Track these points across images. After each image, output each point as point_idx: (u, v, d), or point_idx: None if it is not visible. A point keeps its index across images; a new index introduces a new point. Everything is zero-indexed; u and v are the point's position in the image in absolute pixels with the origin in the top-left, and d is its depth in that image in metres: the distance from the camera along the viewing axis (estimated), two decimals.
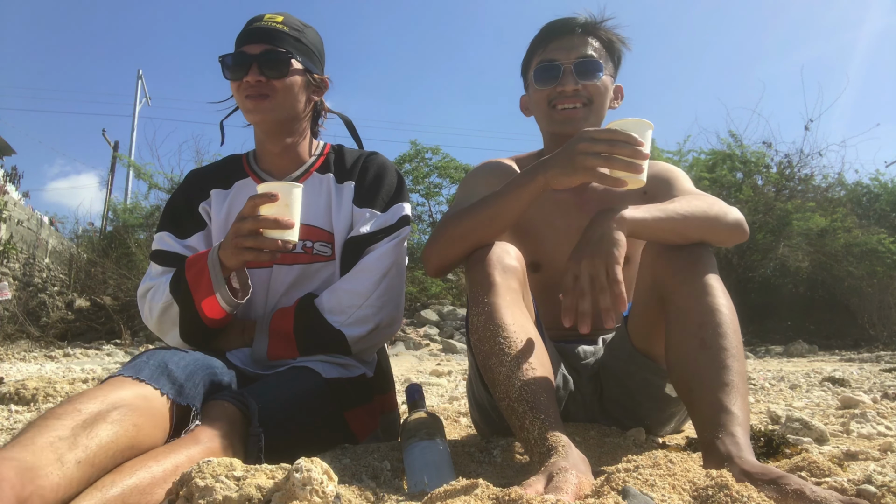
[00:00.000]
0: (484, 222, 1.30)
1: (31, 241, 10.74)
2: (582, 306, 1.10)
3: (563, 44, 1.53)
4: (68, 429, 0.86)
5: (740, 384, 1.09)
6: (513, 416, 1.05)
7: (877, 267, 10.02)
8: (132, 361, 1.10)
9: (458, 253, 1.33)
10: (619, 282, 1.11)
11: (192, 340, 1.41)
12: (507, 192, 1.30)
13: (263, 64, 1.43)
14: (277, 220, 1.22)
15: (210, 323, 1.36)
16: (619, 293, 1.09)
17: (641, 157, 1.15)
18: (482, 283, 1.19)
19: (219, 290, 1.31)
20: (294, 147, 1.56)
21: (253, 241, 1.23)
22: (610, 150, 1.16)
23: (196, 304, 1.33)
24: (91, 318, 9.13)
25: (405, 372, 4.95)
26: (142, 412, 0.98)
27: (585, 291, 1.10)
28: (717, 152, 11.90)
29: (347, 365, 1.44)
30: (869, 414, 1.94)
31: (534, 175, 1.26)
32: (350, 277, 1.44)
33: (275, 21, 1.47)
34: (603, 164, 1.17)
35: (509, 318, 1.14)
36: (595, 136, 1.18)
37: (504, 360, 1.09)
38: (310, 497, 0.75)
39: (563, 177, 1.22)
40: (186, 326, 1.38)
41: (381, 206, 1.52)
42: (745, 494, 0.79)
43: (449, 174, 13.15)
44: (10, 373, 4.53)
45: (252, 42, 1.44)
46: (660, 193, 1.57)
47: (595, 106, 1.54)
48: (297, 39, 1.48)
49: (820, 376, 3.93)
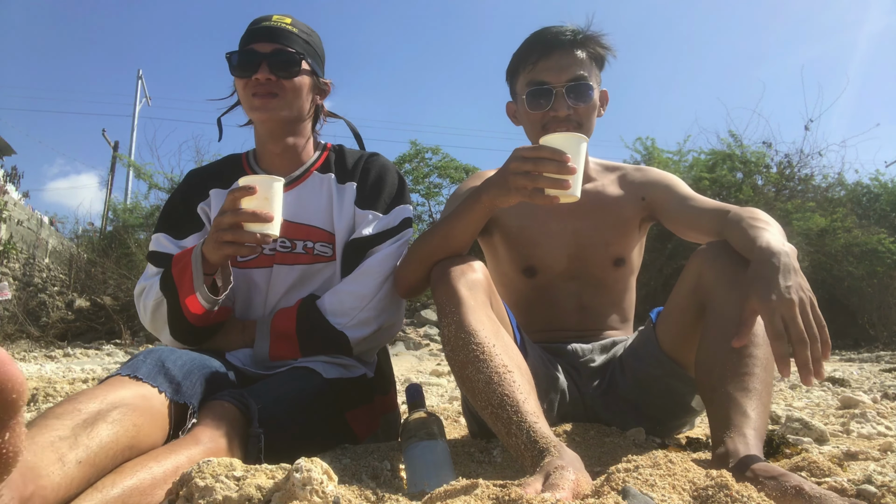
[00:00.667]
0: (441, 243, 1.34)
1: (31, 241, 10.74)
2: (802, 356, 0.97)
3: (553, 63, 1.52)
4: (69, 428, 0.86)
5: (763, 392, 1.09)
6: (497, 423, 1.03)
7: (877, 267, 10.02)
8: (130, 361, 1.11)
9: (422, 273, 1.37)
10: (825, 326, 1.01)
11: (181, 338, 1.39)
12: (458, 214, 1.33)
13: (274, 63, 1.43)
14: (255, 213, 1.21)
15: (192, 319, 1.34)
16: (826, 340, 0.99)
17: (567, 172, 1.14)
18: (448, 297, 1.20)
19: (198, 287, 1.29)
20: (295, 147, 1.56)
21: (232, 235, 1.22)
22: (536, 168, 1.16)
23: (181, 301, 1.32)
24: (91, 318, 9.13)
25: (405, 372, 4.95)
26: (141, 411, 0.98)
27: (804, 339, 0.98)
28: (717, 152, 11.89)
29: (348, 365, 1.44)
30: (869, 414, 1.94)
31: (478, 196, 1.28)
32: (353, 280, 1.44)
33: (284, 22, 1.47)
34: (531, 183, 1.17)
35: (479, 325, 1.14)
36: (524, 154, 1.18)
37: (480, 367, 1.08)
38: (310, 497, 0.75)
39: (502, 196, 1.23)
40: (174, 323, 1.37)
41: (384, 209, 1.52)
42: (745, 494, 0.79)
43: (449, 174, 13.15)
44: None
45: (262, 40, 1.44)
46: (658, 199, 1.58)
47: (584, 127, 1.54)
48: (305, 41, 1.49)
49: None
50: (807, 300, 1.01)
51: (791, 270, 1.04)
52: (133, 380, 1.04)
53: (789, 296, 1.00)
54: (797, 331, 0.97)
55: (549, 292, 1.64)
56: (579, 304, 1.64)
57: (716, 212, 1.38)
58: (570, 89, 1.50)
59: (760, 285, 1.03)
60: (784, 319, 0.98)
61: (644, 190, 1.62)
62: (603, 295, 1.65)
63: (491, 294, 1.28)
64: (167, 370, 1.10)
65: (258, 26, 1.47)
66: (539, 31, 1.58)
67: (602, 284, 1.64)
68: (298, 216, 1.51)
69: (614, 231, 1.61)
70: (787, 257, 1.07)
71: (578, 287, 1.63)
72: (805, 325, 0.98)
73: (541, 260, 1.62)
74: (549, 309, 1.64)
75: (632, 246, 1.65)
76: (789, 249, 1.09)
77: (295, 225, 1.50)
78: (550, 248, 1.61)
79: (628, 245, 1.63)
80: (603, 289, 1.64)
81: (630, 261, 1.65)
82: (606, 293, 1.65)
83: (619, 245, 1.62)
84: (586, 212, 1.61)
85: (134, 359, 1.11)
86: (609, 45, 1.60)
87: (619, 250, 1.62)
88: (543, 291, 1.64)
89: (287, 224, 1.49)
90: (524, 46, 1.58)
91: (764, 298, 1.00)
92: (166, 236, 1.51)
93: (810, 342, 0.97)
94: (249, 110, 1.49)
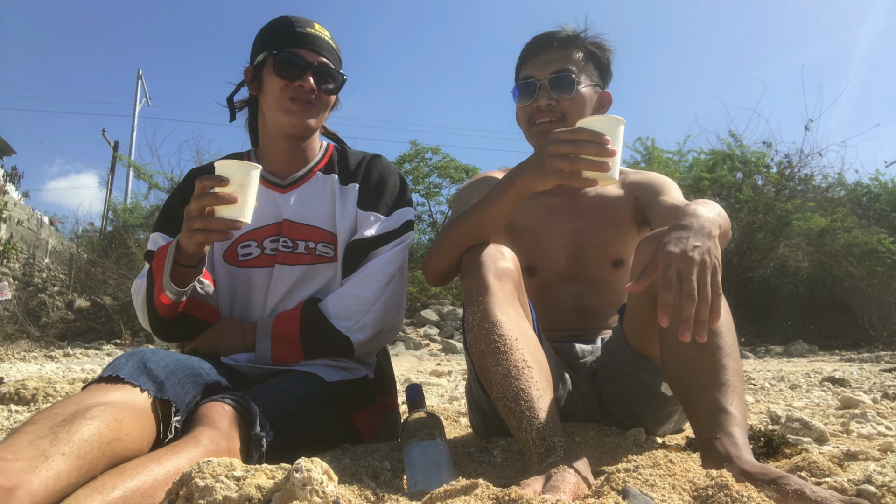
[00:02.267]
0: (472, 229, 1.34)
1: (31, 241, 10.74)
2: (686, 311, 0.98)
3: (540, 59, 1.57)
4: (46, 429, 0.86)
5: (737, 383, 1.09)
6: (510, 416, 1.05)
7: (877, 267, 10.02)
8: (112, 363, 1.10)
9: (453, 260, 1.36)
10: (721, 294, 1.02)
11: (157, 331, 1.38)
12: (491, 199, 1.32)
13: (320, 75, 1.46)
14: (219, 196, 1.18)
15: (161, 310, 1.32)
16: (717, 307, 1.00)
17: (608, 155, 1.14)
18: (477, 285, 1.20)
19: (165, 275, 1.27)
20: (303, 150, 1.57)
21: (201, 223, 1.20)
22: (574, 151, 1.15)
23: (154, 292, 1.31)
24: (91, 318, 9.14)
25: (405, 372, 4.95)
26: (122, 407, 0.98)
27: (693, 296, 0.98)
28: (717, 152, 11.90)
29: (349, 368, 1.45)
30: (869, 414, 1.94)
31: (512, 180, 1.28)
32: (356, 282, 1.44)
33: (324, 34, 1.50)
34: (570, 165, 1.16)
35: (503, 317, 1.14)
36: (561, 137, 1.18)
37: (500, 358, 1.09)
38: (310, 497, 0.75)
39: (537, 180, 1.22)
40: (150, 315, 1.36)
41: (386, 211, 1.53)
42: (744, 494, 0.79)
43: (449, 174, 13.15)
44: (10, 373, 4.52)
45: (309, 49, 1.46)
46: (647, 199, 1.59)
47: (569, 121, 1.55)
48: (338, 58, 1.53)
49: (820, 376, 3.93)
50: (709, 264, 1.01)
51: (705, 234, 1.05)
52: (114, 382, 1.04)
53: (692, 254, 1.01)
54: (688, 287, 0.98)
55: (548, 292, 1.65)
56: (579, 305, 1.64)
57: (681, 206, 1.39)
58: (552, 81, 1.54)
59: (670, 238, 1.05)
60: (679, 273, 0.99)
61: (638, 190, 1.63)
62: (602, 295, 1.65)
63: (519, 285, 1.28)
64: (149, 370, 1.10)
65: (303, 31, 1.47)
66: (537, 35, 1.62)
67: (601, 285, 1.64)
68: (301, 216, 1.51)
69: (613, 232, 1.61)
70: (708, 222, 1.08)
71: (578, 287, 1.64)
72: (699, 285, 0.99)
73: (540, 259, 1.63)
74: (548, 309, 1.65)
75: (631, 247, 1.65)
76: (712, 218, 1.10)
77: (297, 225, 1.50)
78: (550, 247, 1.62)
79: (627, 246, 1.63)
80: (602, 289, 1.65)
81: (629, 262, 1.65)
82: (606, 294, 1.65)
83: (618, 246, 1.62)
84: (586, 213, 1.62)
85: (115, 361, 1.11)
86: (606, 44, 1.61)
87: (619, 251, 1.62)
88: (543, 291, 1.64)
89: (290, 224, 1.49)
90: (521, 52, 1.64)
91: (667, 249, 1.02)
92: (163, 235, 1.50)
93: (699, 302, 0.98)
94: (281, 112, 1.47)
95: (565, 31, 1.58)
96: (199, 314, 1.40)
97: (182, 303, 1.33)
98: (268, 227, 1.50)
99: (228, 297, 1.49)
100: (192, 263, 1.31)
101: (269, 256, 1.48)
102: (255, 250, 1.49)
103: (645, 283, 1.03)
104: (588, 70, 1.58)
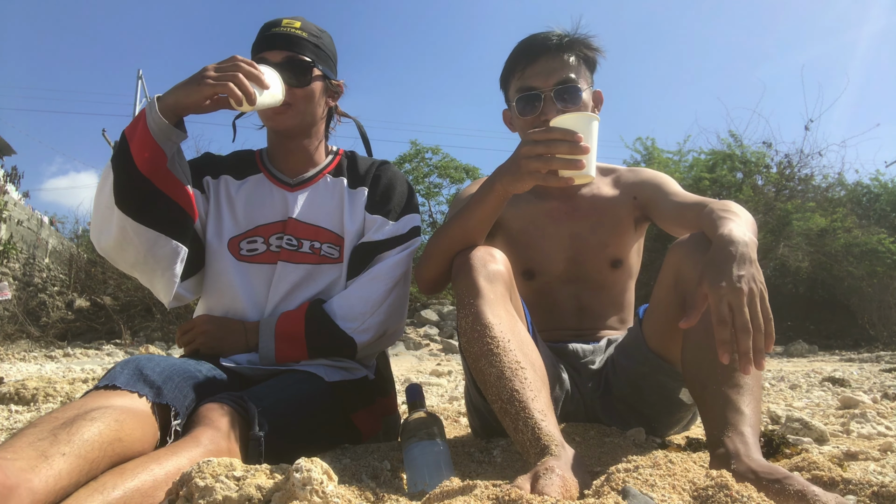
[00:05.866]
0: (459, 235, 1.35)
1: (31, 241, 10.75)
2: (744, 344, 0.97)
3: (541, 68, 1.52)
4: (46, 431, 0.86)
5: (754, 387, 1.09)
6: (506, 418, 1.05)
7: (877, 267, 10.02)
8: (107, 373, 1.10)
9: (443, 267, 1.37)
10: (771, 319, 1.00)
11: (127, 199, 1.25)
12: (473, 205, 1.33)
13: (285, 71, 1.42)
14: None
15: (139, 162, 1.22)
16: (771, 332, 0.99)
17: (581, 152, 1.13)
18: (468, 288, 1.20)
19: (150, 105, 1.19)
20: (308, 148, 1.57)
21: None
22: (548, 150, 1.15)
23: (133, 148, 1.21)
24: (91, 318, 9.14)
25: (405, 372, 4.95)
26: (122, 411, 0.97)
27: (748, 328, 0.97)
28: (717, 152, 11.91)
29: (350, 368, 1.45)
30: (869, 414, 1.94)
31: (491, 184, 1.28)
32: (362, 284, 1.45)
33: (293, 27, 1.46)
34: (545, 166, 1.16)
35: (495, 319, 1.14)
36: (535, 137, 1.17)
37: (493, 360, 1.09)
38: (310, 497, 0.75)
39: (515, 182, 1.22)
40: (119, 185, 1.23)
41: (394, 216, 1.53)
42: (745, 494, 0.79)
43: (449, 174, 13.17)
44: (10, 373, 4.53)
45: (273, 48, 1.43)
46: (648, 197, 1.59)
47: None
48: (316, 45, 1.48)
49: (820, 376, 3.94)
50: (756, 291, 1.01)
51: (747, 260, 1.04)
52: (111, 390, 1.03)
53: (739, 284, 1.00)
54: (742, 319, 0.97)
55: (547, 295, 1.65)
56: (578, 306, 1.64)
57: (696, 205, 1.38)
58: (558, 93, 1.51)
59: (713, 271, 1.03)
60: (731, 307, 0.98)
61: (636, 189, 1.63)
62: (602, 296, 1.65)
63: (511, 287, 1.28)
64: (146, 377, 1.09)
65: (268, 33, 1.45)
66: (526, 39, 1.58)
67: (600, 286, 1.64)
68: (308, 216, 1.51)
69: (611, 233, 1.61)
70: (746, 247, 1.07)
71: (577, 289, 1.64)
72: (751, 315, 0.98)
73: (539, 263, 1.63)
74: (548, 311, 1.65)
75: (629, 247, 1.65)
76: (749, 240, 1.09)
77: (303, 224, 1.50)
78: (548, 251, 1.62)
79: (625, 246, 1.63)
80: (601, 290, 1.65)
81: (628, 262, 1.66)
82: (605, 294, 1.65)
83: (616, 247, 1.62)
84: (583, 215, 1.62)
85: (111, 371, 1.10)
86: (597, 46, 1.59)
87: (617, 252, 1.62)
88: (542, 294, 1.65)
89: (295, 223, 1.49)
90: (513, 55, 1.59)
91: (714, 284, 1.01)
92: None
93: (754, 332, 0.98)
94: (262, 119, 1.49)
95: (558, 34, 1.55)
96: (173, 193, 1.30)
97: (165, 159, 1.24)
98: (274, 224, 1.50)
99: (230, 292, 1.48)
100: (181, 113, 1.23)
101: (273, 253, 1.49)
102: (261, 246, 1.49)
103: (696, 319, 1.03)
104: (585, 73, 1.57)
